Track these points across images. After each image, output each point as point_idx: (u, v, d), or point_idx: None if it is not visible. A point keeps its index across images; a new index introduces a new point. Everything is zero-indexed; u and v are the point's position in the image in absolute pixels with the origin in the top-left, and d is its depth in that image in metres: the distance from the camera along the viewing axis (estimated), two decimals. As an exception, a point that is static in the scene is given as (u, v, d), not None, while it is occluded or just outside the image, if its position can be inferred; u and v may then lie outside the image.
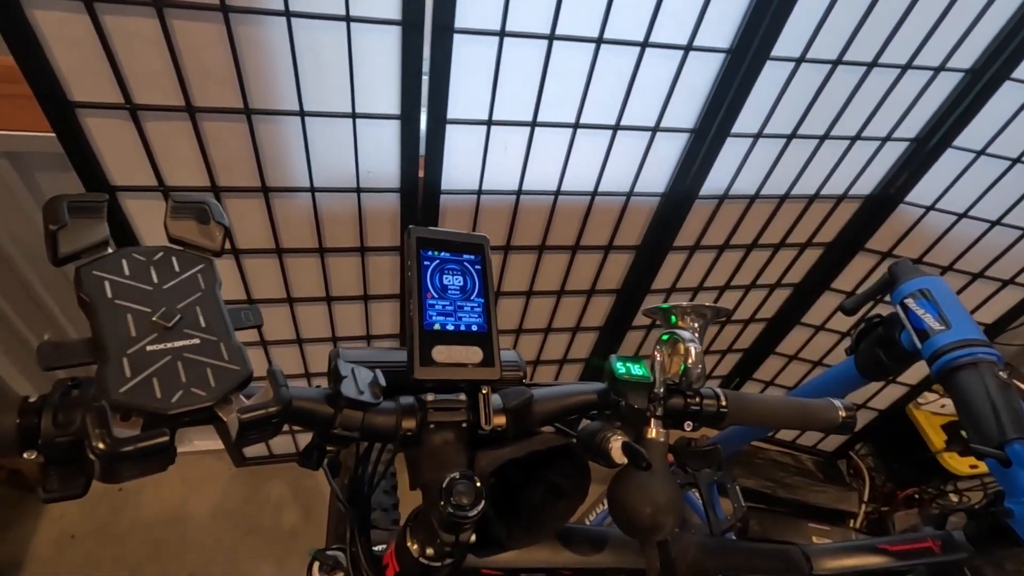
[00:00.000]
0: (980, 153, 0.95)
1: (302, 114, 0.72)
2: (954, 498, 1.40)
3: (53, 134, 0.68)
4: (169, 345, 0.29)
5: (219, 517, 1.34)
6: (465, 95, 0.75)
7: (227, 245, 0.37)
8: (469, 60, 0.72)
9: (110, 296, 0.30)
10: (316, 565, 0.50)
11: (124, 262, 0.32)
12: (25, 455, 0.30)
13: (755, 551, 0.58)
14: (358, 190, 0.83)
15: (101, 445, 0.24)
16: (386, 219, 0.89)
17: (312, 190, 0.82)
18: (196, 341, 0.30)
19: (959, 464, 1.36)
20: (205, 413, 0.28)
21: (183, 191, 0.71)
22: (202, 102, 0.69)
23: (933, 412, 1.43)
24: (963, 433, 0.58)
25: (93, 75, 0.64)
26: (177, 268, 0.33)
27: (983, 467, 1.36)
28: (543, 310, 1.15)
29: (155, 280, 0.32)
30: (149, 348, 0.29)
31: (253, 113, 0.71)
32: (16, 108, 0.70)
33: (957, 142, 0.94)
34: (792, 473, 1.59)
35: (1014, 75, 0.85)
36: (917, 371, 1.31)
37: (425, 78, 0.73)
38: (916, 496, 1.46)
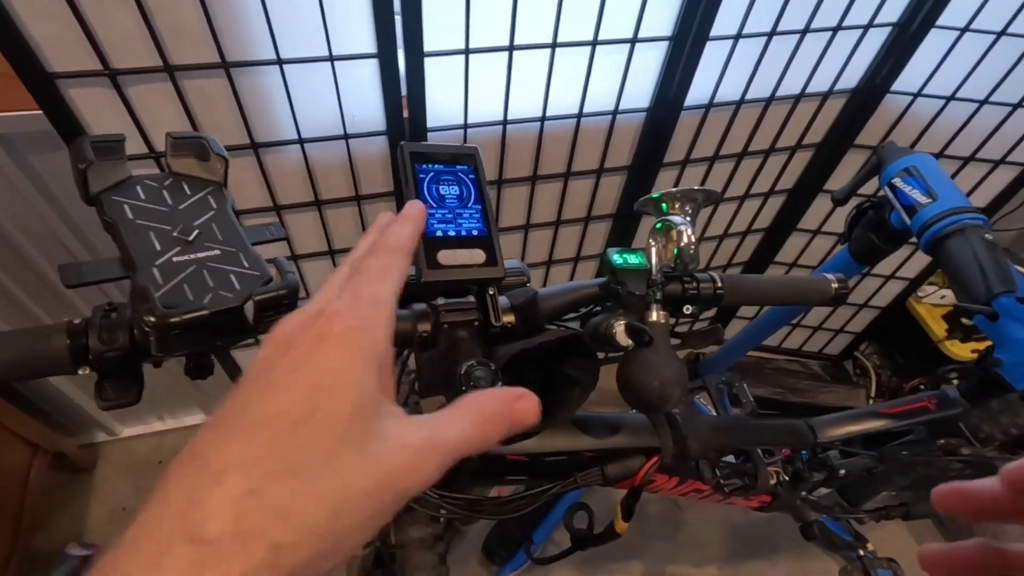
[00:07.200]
0: (964, 30, 0.94)
1: (280, 62, 0.72)
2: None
3: (39, 111, 0.69)
4: (193, 256, 0.32)
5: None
6: (439, 25, 0.75)
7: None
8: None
9: (131, 217, 0.32)
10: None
11: (138, 188, 0.34)
12: (80, 372, 0.33)
13: (763, 426, 0.62)
14: (345, 136, 0.83)
15: (152, 317, 0.27)
16: (378, 165, 0.90)
17: (300, 141, 0.82)
18: (217, 252, 0.32)
19: (961, 351, 1.40)
20: (234, 313, 0.31)
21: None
22: (179, 60, 0.69)
23: (933, 304, 1.46)
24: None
25: (69, 43, 0.64)
26: (188, 191, 0.35)
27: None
28: (542, 243, 1.16)
29: (169, 202, 0.34)
30: (175, 259, 0.31)
31: (231, 66, 0.71)
32: (-2, 88, 0.70)
33: (940, 21, 0.93)
34: (801, 378, 1.64)
35: (994, -58, 0.84)
36: (915, 264, 1.33)
37: (398, 17, 0.72)
38: (921, 386, 1.50)
